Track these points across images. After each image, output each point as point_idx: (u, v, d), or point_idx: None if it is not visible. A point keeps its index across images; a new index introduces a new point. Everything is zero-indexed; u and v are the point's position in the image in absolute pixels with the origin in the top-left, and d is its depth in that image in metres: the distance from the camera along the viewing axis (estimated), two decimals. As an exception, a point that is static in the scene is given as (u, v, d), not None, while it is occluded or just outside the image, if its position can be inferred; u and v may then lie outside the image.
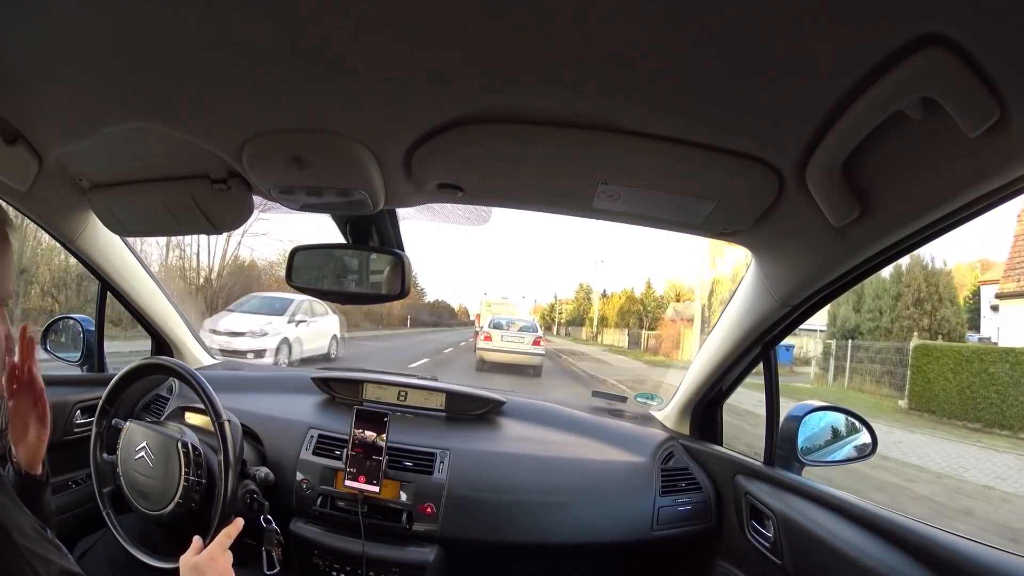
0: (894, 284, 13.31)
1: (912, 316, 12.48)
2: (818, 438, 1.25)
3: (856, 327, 13.41)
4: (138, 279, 1.51)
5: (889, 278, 13.57)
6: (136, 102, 0.72)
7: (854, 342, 12.56)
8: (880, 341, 12.42)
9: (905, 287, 12.83)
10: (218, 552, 0.89)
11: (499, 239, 70.82)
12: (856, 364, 12.24)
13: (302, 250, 1.14)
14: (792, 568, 1.07)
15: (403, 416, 1.52)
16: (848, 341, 12.64)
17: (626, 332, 29.96)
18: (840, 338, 13.08)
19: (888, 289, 13.38)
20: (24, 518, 0.60)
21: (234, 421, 1.19)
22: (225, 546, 0.91)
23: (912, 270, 12.83)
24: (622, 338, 29.67)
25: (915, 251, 0.84)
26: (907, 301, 12.68)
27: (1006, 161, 0.55)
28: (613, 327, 33.30)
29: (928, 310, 12.42)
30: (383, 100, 0.66)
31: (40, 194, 1.04)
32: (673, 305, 27.24)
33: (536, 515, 1.29)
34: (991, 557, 0.76)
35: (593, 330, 35.64)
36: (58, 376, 1.52)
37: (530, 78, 0.60)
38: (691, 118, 0.65)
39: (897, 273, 13.28)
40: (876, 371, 11.60)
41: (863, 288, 13.38)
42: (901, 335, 12.09)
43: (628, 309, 33.44)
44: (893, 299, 13.06)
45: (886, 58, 0.50)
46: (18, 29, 0.60)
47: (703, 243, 16.00)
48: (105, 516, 1.20)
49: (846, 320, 13.60)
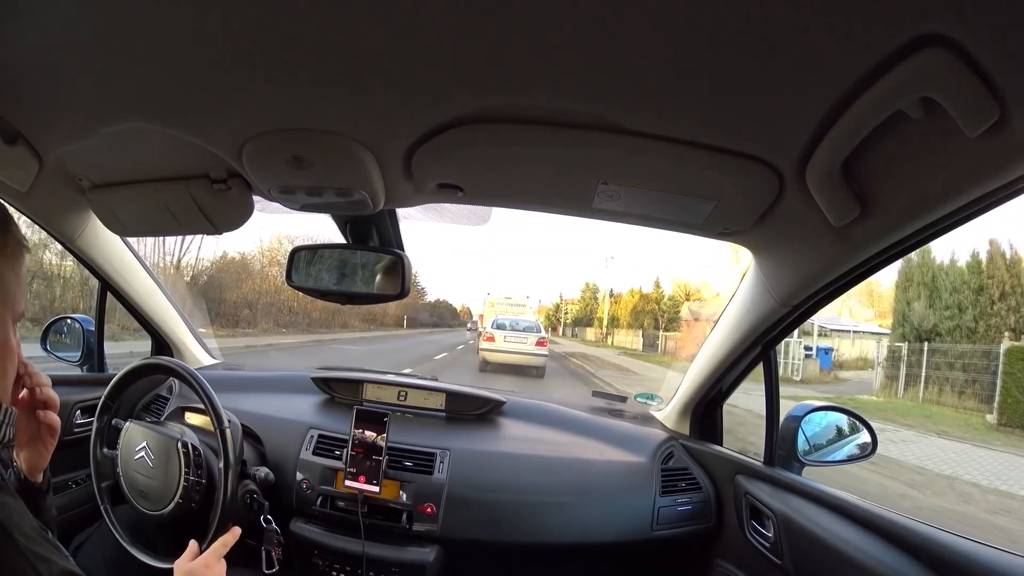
0: (974, 275, 11.24)
1: (999, 313, 10.57)
2: (818, 438, 1.26)
3: (934, 327, 11.31)
4: (138, 279, 1.51)
5: (967, 267, 11.40)
6: (136, 102, 0.72)
7: (930, 344, 10.69)
8: (962, 343, 10.50)
9: (988, 278, 10.77)
10: (213, 560, 0.90)
11: (503, 238, 70.90)
12: (932, 371, 10.37)
13: (302, 250, 1.14)
14: (792, 568, 1.07)
15: (403, 416, 1.52)
16: (923, 344, 10.64)
17: (640, 333, 28.45)
18: (914, 340, 11.10)
19: (968, 281, 11.31)
20: (25, 519, 0.60)
21: (234, 421, 1.19)
22: (220, 554, 0.91)
23: (995, 259, 10.79)
24: (635, 340, 28.20)
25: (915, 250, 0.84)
26: (992, 295, 10.61)
27: (1006, 161, 0.55)
28: (625, 328, 31.70)
29: (1012, 305, 10.56)
30: (383, 100, 0.66)
31: (40, 194, 1.04)
32: (687, 305, 26.75)
33: (536, 515, 1.29)
34: (991, 557, 0.76)
35: (603, 331, 34.05)
36: (58, 376, 1.51)
37: (530, 78, 0.60)
38: (691, 118, 0.65)
39: (976, 262, 11.26)
40: (957, 379, 9.82)
41: (936, 280, 11.39)
42: (988, 336, 10.25)
43: (642, 308, 31.51)
44: (974, 292, 11.05)
45: (886, 58, 0.50)
46: (18, 29, 0.60)
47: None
48: (105, 516, 1.20)
49: (924, 319, 11.48)
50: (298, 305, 18.62)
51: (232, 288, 17.07)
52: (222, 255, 17.80)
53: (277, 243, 19.37)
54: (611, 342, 31.00)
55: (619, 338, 31.01)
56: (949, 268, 11.83)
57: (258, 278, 18.44)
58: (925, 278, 11.81)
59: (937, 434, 8.47)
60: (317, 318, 20.32)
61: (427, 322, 35.31)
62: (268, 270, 18.86)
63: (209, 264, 17.17)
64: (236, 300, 17.01)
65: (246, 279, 17.72)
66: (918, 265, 12.22)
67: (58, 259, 9.84)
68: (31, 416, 0.77)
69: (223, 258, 17.79)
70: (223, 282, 17.00)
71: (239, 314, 16.84)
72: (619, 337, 31.20)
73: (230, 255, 18.12)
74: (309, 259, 1.15)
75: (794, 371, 14.81)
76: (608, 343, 30.79)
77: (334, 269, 1.14)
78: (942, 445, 7.92)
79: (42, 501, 0.79)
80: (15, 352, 0.65)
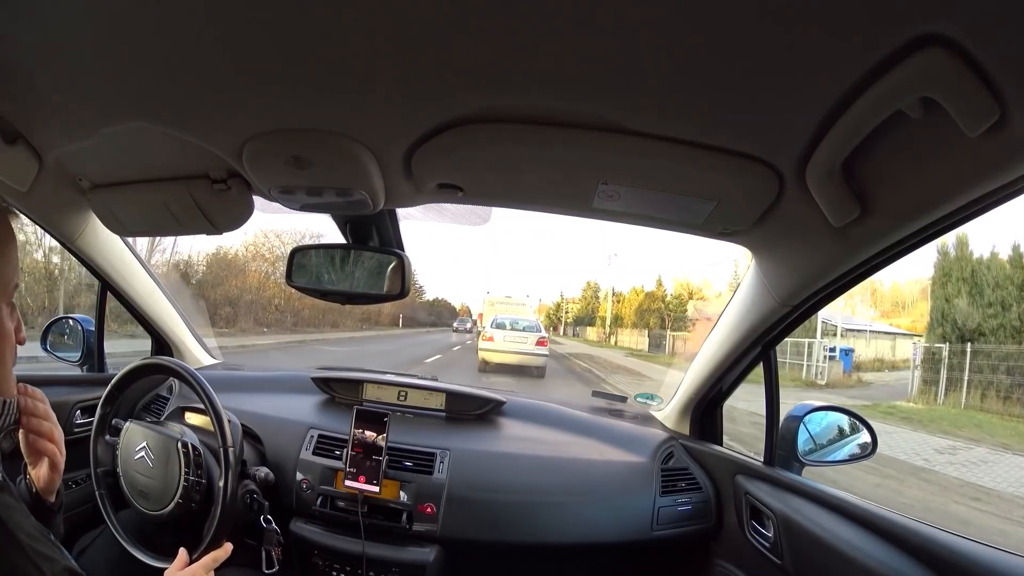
0: (1017, 269, 10.36)
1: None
2: (818, 438, 1.25)
3: (978, 326, 10.35)
4: (138, 279, 1.51)
5: (1008, 262, 10.49)
6: (136, 102, 0.72)
7: (973, 345, 9.91)
8: (1008, 344, 9.70)
9: (1032, 272, 9.51)
10: (201, 573, 0.89)
11: (503, 236, 70.56)
12: (974, 374, 9.62)
13: (302, 250, 1.14)
14: (792, 568, 1.07)
15: (403, 416, 1.52)
16: (966, 344, 9.86)
17: (646, 333, 27.28)
18: (955, 340, 10.22)
19: (1011, 276, 10.42)
20: (27, 519, 0.60)
21: (234, 421, 1.19)
22: (210, 568, 0.91)
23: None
24: (640, 340, 26.90)
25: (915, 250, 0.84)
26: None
27: (1006, 161, 0.55)
28: (629, 327, 30.53)
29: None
30: (383, 100, 0.66)
31: (40, 194, 1.04)
32: (693, 303, 26.17)
33: (536, 515, 1.29)
34: (991, 557, 0.76)
35: (606, 331, 32.90)
36: (58, 376, 1.52)
37: (530, 78, 0.60)
38: (691, 118, 0.65)
39: (1017, 255, 10.41)
40: (1003, 383, 9.08)
41: (976, 275, 10.51)
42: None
43: (647, 307, 30.43)
44: (1018, 288, 10.19)
45: (886, 58, 0.50)
46: (18, 29, 0.60)
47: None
48: (104, 513, 1.20)
49: (968, 317, 10.50)
50: (285, 303, 17.99)
51: (212, 286, 16.53)
52: (202, 251, 17.15)
53: (263, 237, 18.81)
54: (614, 342, 30.14)
55: (623, 338, 30.11)
56: (990, 262, 10.87)
57: (241, 274, 17.78)
58: (964, 273, 10.91)
59: (1009, 450, 7.63)
60: (307, 317, 19.51)
61: (424, 321, 34.38)
62: (251, 265, 18.15)
63: (188, 259, 16.42)
64: (216, 298, 16.29)
65: (227, 275, 17.07)
66: (956, 259, 11.31)
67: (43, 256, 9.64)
68: (36, 442, 0.76)
69: (202, 254, 17.15)
70: (204, 279, 16.44)
71: (218, 312, 16.10)
72: (623, 337, 30.24)
73: (210, 250, 17.46)
74: (309, 259, 1.15)
75: (819, 374, 14.04)
76: (611, 343, 29.95)
77: (334, 269, 1.14)
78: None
79: (52, 519, 0.78)
80: (10, 336, 0.65)
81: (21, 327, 0.67)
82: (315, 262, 1.15)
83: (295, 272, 1.13)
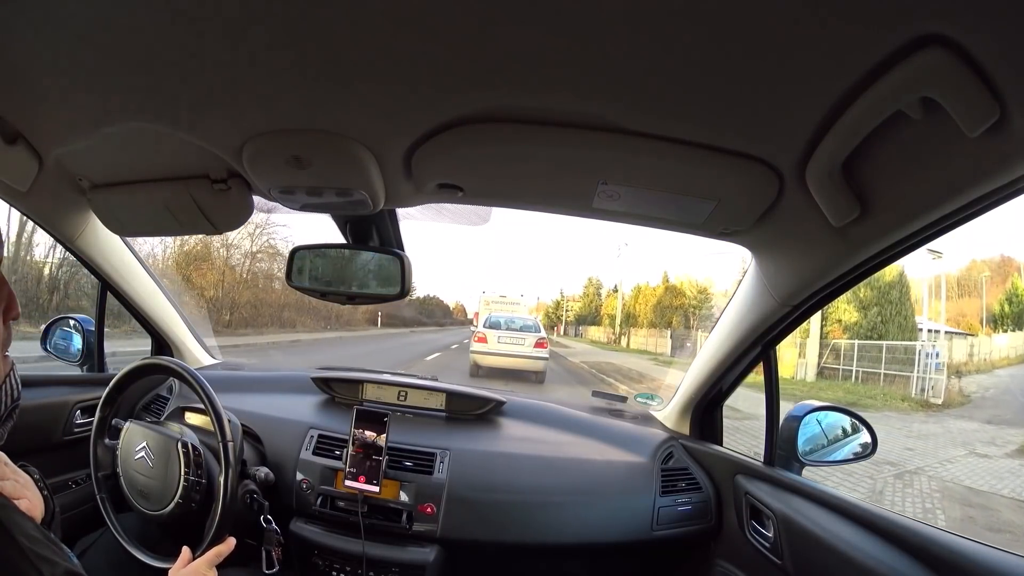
0: None
1: None
2: (818, 438, 1.25)
3: None
4: (138, 279, 1.51)
5: None
6: (136, 102, 0.72)
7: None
8: None
9: None
10: (205, 568, 0.89)
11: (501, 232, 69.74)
12: None
13: (302, 250, 1.14)
14: (792, 568, 1.07)
15: (403, 416, 1.52)
16: None
17: (667, 334, 22.25)
18: None
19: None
20: (27, 521, 0.60)
21: (234, 421, 1.19)
22: (213, 563, 0.91)
23: None
24: (661, 342, 21.90)
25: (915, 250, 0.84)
26: None
27: (1006, 161, 0.55)
28: (646, 327, 25.37)
29: None
30: (383, 100, 0.66)
31: (40, 194, 1.04)
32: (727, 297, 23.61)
33: (536, 515, 1.29)
34: (991, 557, 0.76)
35: (615, 330, 27.98)
36: (58, 376, 1.51)
37: (530, 78, 0.60)
38: (691, 118, 0.65)
39: None
40: None
41: None
42: None
43: (669, 303, 25.08)
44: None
45: (886, 58, 0.50)
46: (18, 29, 0.60)
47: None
48: (104, 515, 1.20)
49: None
50: (246, 301, 15.40)
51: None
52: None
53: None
54: (626, 344, 25.44)
55: (636, 339, 25.08)
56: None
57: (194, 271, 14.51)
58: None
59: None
60: (247, 317, 15.79)
61: (409, 320, 29.27)
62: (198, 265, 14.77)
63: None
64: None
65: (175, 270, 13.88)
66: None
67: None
68: None
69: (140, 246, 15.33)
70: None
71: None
72: (636, 338, 25.18)
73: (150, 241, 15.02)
74: (309, 259, 1.15)
75: (929, 390, 10.48)
76: (622, 345, 25.33)
77: (334, 269, 1.14)
78: None
79: (47, 528, 0.77)
80: None
81: (15, 303, 0.61)
82: (315, 262, 1.15)
83: (295, 272, 1.13)
